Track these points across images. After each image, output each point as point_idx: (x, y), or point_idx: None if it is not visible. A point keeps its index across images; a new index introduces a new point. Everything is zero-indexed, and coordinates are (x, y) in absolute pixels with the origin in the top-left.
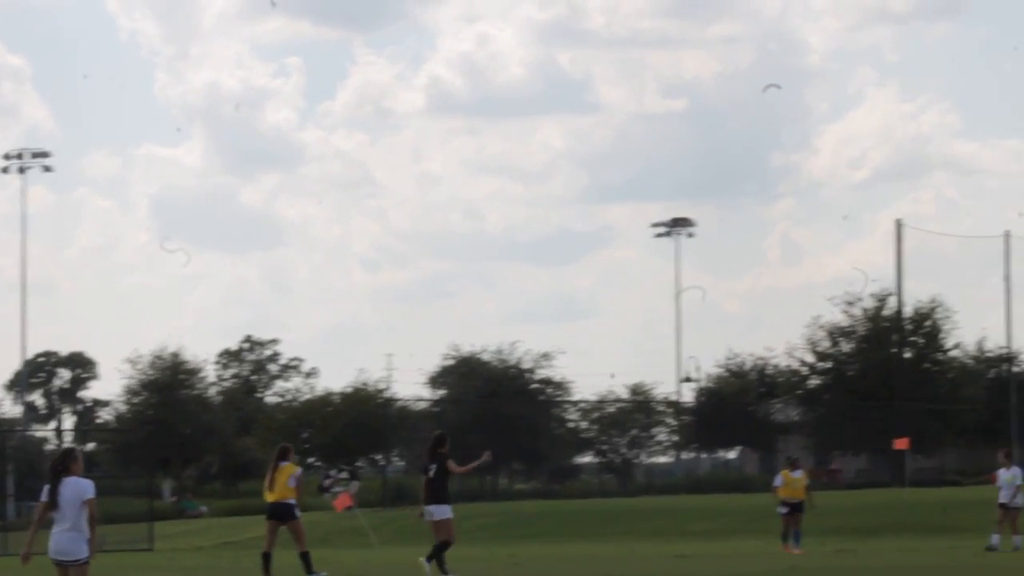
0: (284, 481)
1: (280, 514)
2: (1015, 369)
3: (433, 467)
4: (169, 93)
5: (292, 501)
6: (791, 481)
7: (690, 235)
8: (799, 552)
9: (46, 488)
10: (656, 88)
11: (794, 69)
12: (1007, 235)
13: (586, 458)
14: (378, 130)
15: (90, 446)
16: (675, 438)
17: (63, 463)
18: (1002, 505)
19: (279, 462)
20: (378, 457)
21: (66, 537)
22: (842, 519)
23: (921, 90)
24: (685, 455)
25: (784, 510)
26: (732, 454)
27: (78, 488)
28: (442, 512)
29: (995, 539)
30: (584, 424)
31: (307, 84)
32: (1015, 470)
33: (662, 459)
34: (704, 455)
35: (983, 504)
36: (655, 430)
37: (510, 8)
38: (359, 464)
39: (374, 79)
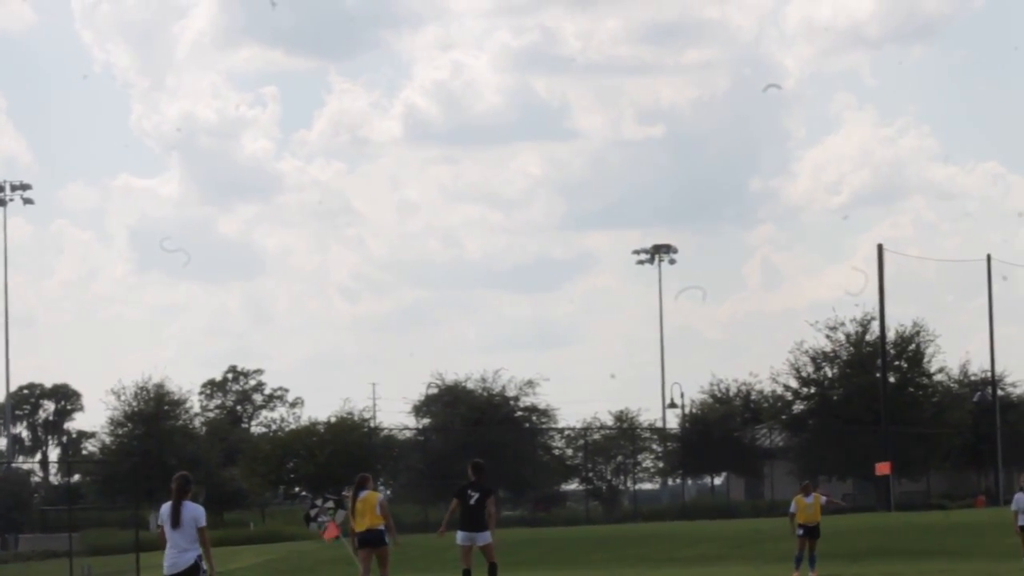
0: (372, 509)
1: (373, 541)
2: (999, 392)
3: (477, 495)
4: (144, 124)
5: (382, 527)
6: (804, 507)
7: (672, 261)
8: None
9: (167, 509)
10: (633, 114)
11: (771, 94)
12: (988, 258)
13: (572, 485)
14: (355, 159)
15: (75, 478)
16: (661, 464)
17: (186, 487)
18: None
19: (360, 492)
20: (351, 491)
21: (182, 557)
22: (827, 544)
23: (899, 114)
24: (671, 481)
25: (800, 532)
26: (718, 480)
27: (195, 512)
28: (486, 538)
29: None
30: (569, 451)
31: (283, 113)
32: None
33: (648, 485)
34: (690, 481)
35: (969, 528)
36: (640, 456)
37: (485, 35)
38: (345, 493)
39: (350, 108)
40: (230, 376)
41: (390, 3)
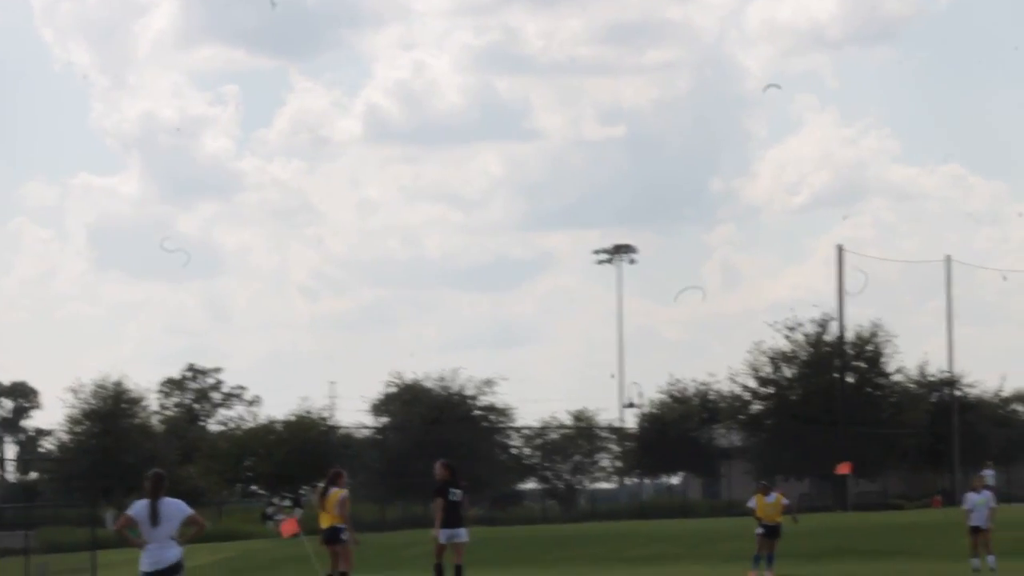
0: (333, 507)
1: (331, 539)
2: (957, 393)
3: (458, 492)
4: (105, 123)
5: (341, 525)
6: (764, 506)
7: (632, 261)
8: (769, 575)
9: (144, 507)
10: (594, 114)
11: (732, 94)
12: (948, 259)
13: (529, 484)
14: (315, 158)
15: (32, 475)
16: (618, 464)
17: (161, 484)
18: (975, 528)
19: (330, 487)
20: (321, 485)
21: (164, 555)
22: (784, 544)
23: (860, 115)
24: (628, 481)
25: (760, 531)
26: (675, 479)
27: (175, 507)
28: (465, 535)
29: (976, 562)
30: (527, 450)
31: (244, 112)
32: (986, 493)
33: (605, 485)
34: (647, 480)
35: (925, 528)
36: (598, 456)
37: (446, 35)
38: (302, 492)
39: (311, 107)
40: (188, 374)
41: (352, 3)
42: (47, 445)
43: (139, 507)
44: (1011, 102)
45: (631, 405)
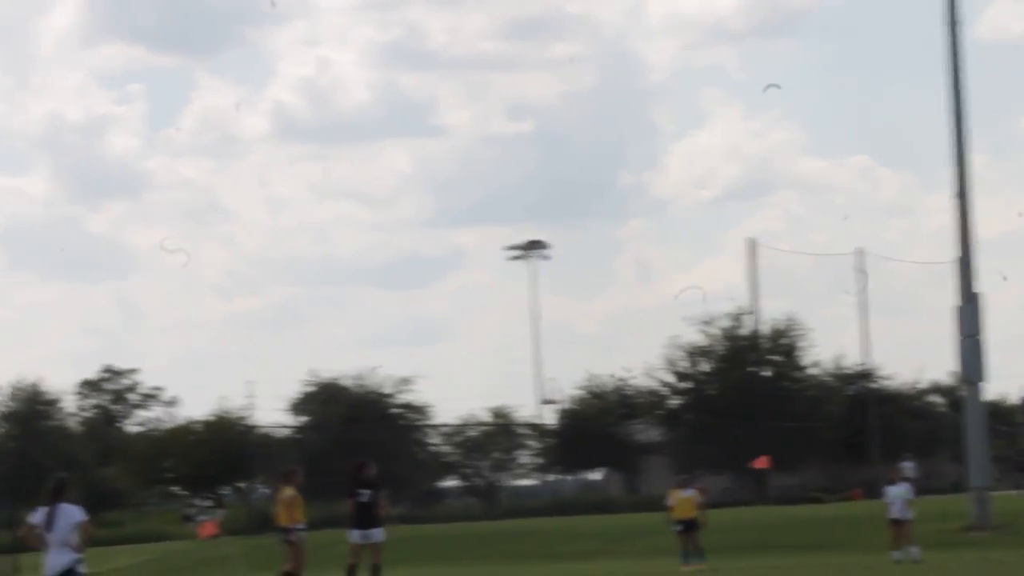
0: (281, 505)
1: (281, 536)
2: (873, 385)
3: (368, 492)
4: (10, 124)
5: (296, 524)
6: (680, 501)
7: (545, 257)
8: (703, 567)
9: (42, 512)
10: (501, 110)
11: (638, 88)
12: (859, 252)
13: (450, 482)
14: (223, 156)
15: None
16: (538, 460)
17: (61, 489)
18: (894, 521)
19: (285, 486)
20: (241, 485)
21: (57, 560)
22: (706, 538)
23: (766, 108)
24: (550, 477)
25: (679, 528)
26: (596, 475)
27: (69, 514)
28: (379, 535)
29: (897, 555)
30: (446, 448)
31: (150, 111)
32: (903, 485)
33: (526, 481)
34: (569, 477)
35: (845, 521)
36: (517, 453)
37: (350, 30)
38: (223, 492)
39: (216, 105)
40: (105, 375)
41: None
42: None
43: (39, 513)
44: (916, 93)
45: (549, 401)
